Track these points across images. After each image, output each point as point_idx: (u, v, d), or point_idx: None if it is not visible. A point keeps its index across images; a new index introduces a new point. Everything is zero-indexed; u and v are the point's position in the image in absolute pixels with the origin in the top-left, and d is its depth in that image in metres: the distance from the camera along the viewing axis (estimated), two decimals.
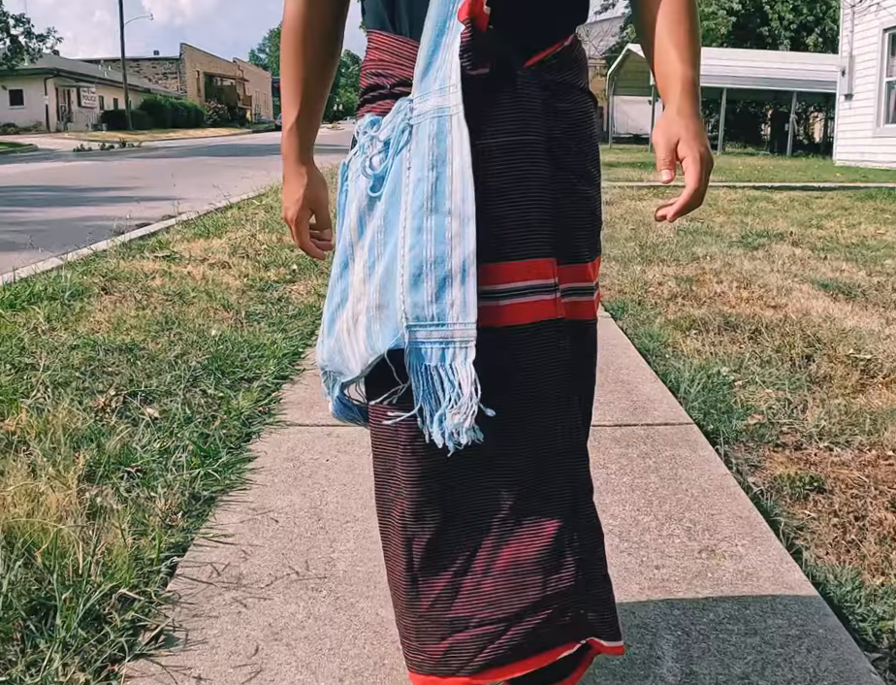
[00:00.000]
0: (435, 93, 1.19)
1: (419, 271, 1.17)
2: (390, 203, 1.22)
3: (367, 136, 1.26)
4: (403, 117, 1.22)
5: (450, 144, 1.17)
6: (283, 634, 1.75)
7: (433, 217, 1.17)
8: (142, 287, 4.42)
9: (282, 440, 2.73)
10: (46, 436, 2.47)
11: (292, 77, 1.39)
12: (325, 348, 1.34)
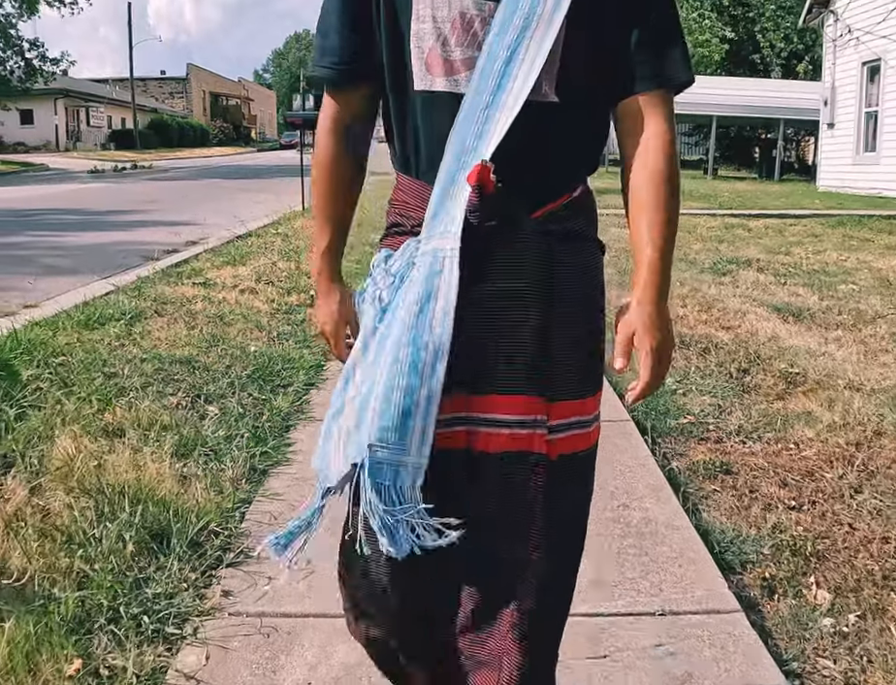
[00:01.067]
0: (437, 236, 1.32)
1: (388, 397, 1.27)
2: (385, 333, 1.33)
3: (380, 269, 1.40)
4: (410, 255, 1.36)
5: (439, 283, 1.29)
6: (325, 554, 2.57)
7: (410, 348, 1.28)
8: (187, 310, 5.27)
9: (314, 431, 3.57)
10: (138, 426, 3.31)
11: (324, 205, 1.52)
12: (319, 455, 1.42)
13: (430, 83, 1.36)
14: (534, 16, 1.31)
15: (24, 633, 2.00)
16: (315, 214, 1.54)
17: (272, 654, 2.10)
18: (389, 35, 1.39)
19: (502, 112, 1.30)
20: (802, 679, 2.11)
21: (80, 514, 2.57)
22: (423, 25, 1.35)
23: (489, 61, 1.31)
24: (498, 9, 1.32)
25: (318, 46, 1.47)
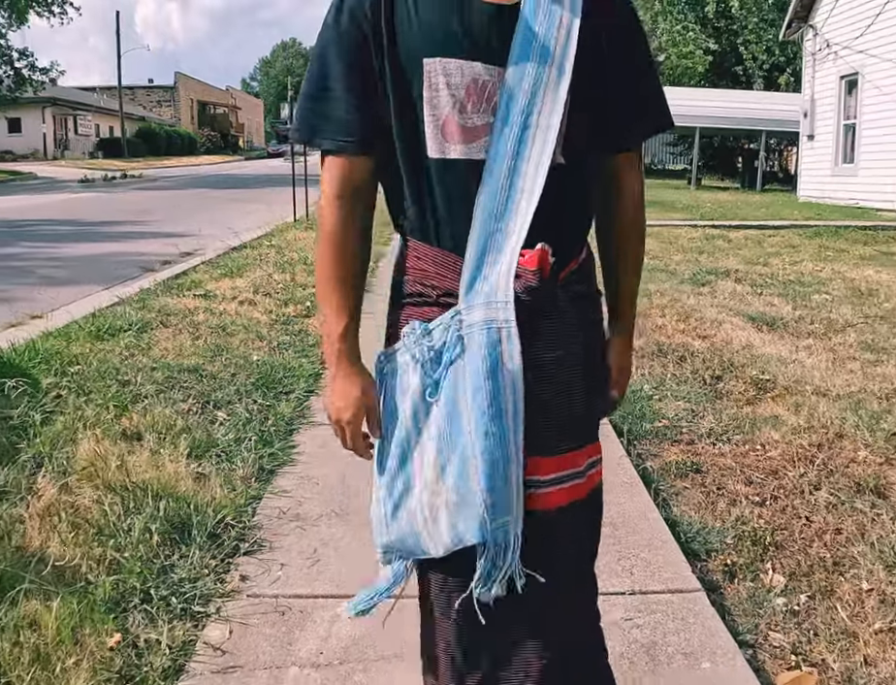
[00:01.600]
0: (482, 307, 1.34)
1: (491, 471, 1.34)
2: (451, 411, 1.36)
3: (418, 342, 1.39)
4: (455, 330, 1.36)
5: (501, 354, 1.34)
6: (330, 543, 2.86)
7: (496, 423, 1.33)
8: (190, 321, 5.54)
9: (315, 435, 3.85)
10: (154, 430, 3.58)
11: (336, 283, 1.46)
12: (393, 533, 1.46)
13: (446, 151, 1.38)
14: (542, 82, 1.36)
15: (69, 611, 2.27)
16: (326, 294, 1.47)
17: (287, 629, 2.38)
18: (399, 102, 1.40)
19: (527, 176, 1.35)
20: (755, 649, 2.39)
21: (109, 509, 2.83)
22: (437, 93, 1.37)
23: (506, 126, 1.35)
24: (506, 75, 1.36)
25: (320, 111, 1.44)
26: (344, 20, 1.40)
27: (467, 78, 1.36)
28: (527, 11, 1.36)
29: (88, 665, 2.10)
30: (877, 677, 2.24)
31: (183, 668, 2.18)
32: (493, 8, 1.36)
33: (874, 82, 16.66)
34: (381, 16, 1.38)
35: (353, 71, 1.40)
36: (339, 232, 1.44)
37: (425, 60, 1.36)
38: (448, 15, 1.37)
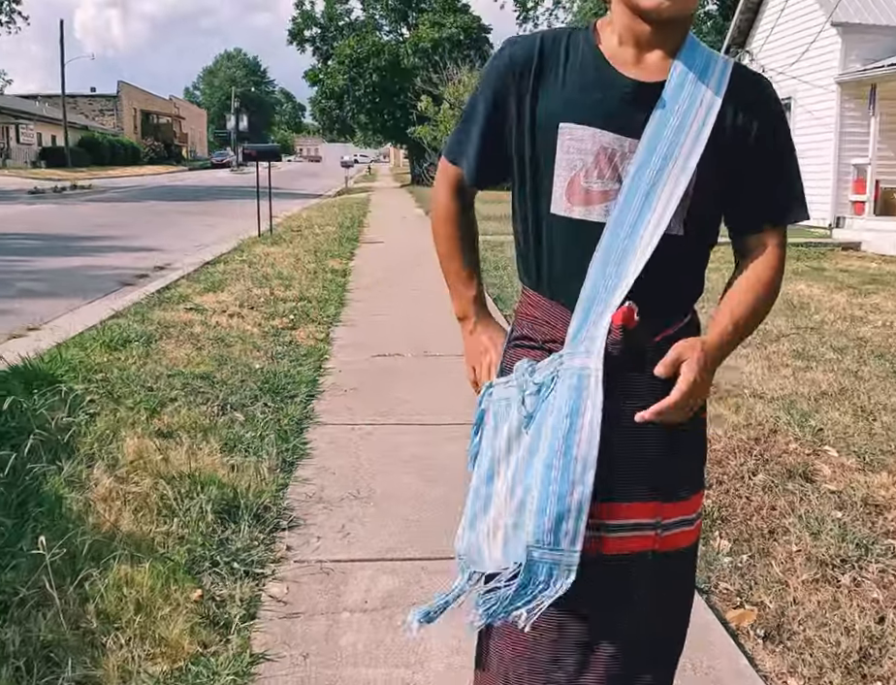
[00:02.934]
0: (581, 354, 1.46)
1: (545, 503, 1.42)
2: (533, 442, 1.47)
3: (524, 377, 1.52)
4: (554, 368, 1.49)
5: (585, 398, 1.43)
6: (355, 520, 3.40)
7: (562, 459, 1.42)
8: (189, 333, 6.01)
9: (324, 432, 4.38)
10: (184, 428, 4.07)
11: (461, 256, 1.73)
12: (465, 541, 1.58)
13: (568, 210, 1.50)
14: (671, 158, 1.45)
15: (156, 572, 2.78)
16: (452, 267, 1.73)
17: (333, 585, 2.91)
18: (533, 156, 1.54)
19: (640, 244, 1.45)
20: (709, 595, 2.99)
21: (167, 494, 3.34)
22: (569, 156, 1.49)
23: (629, 195, 1.45)
24: (639, 148, 1.46)
25: (458, 133, 1.67)
26: (498, 72, 1.58)
27: (597, 145, 1.47)
28: (668, 92, 1.47)
29: (181, 613, 2.62)
30: (802, 612, 2.85)
31: (256, 615, 2.71)
32: (633, 84, 1.48)
33: (805, 107, 17.69)
34: (530, 79, 1.53)
35: (493, 119, 1.58)
36: (457, 216, 1.72)
37: (561, 124, 1.49)
38: (590, 85, 1.49)
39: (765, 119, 1.53)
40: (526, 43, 1.57)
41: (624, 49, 1.51)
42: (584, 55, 1.52)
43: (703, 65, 1.49)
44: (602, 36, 1.54)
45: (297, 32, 45.16)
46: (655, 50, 1.50)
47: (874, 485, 3.98)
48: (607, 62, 1.50)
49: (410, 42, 39.88)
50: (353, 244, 12.88)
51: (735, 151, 1.51)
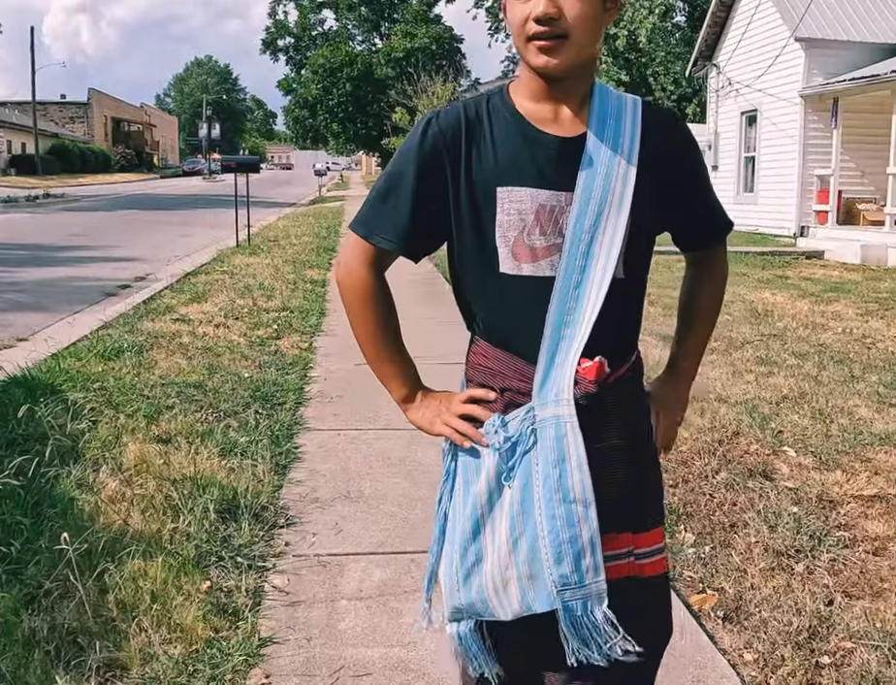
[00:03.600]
0: (552, 403, 1.52)
1: (559, 550, 1.49)
2: (524, 494, 1.52)
3: (495, 431, 1.55)
4: (530, 423, 1.53)
5: (567, 445, 1.50)
6: (347, 517, 3.65)
7: (563, 506, 1.49)
8: (178, 344, 6.23)
9: (312, 437, 4.64)
10: (182, 434, 4.30)
11: (386, 335, 1.69)
12: (464, 598, 1.60)
13: (517, 269, 1.55)
14: (606, 204, 1.52)
15: (167, 566, 3.01)
16: (384, 347, 1.68)
17: (330, 576, 3.16)
18: (473, 224, 1.57)
19: (591, 292, 1.52)
20: (674, 581, 3.27)
21: (171, 495, 3.57)
22: (508, 217, 1.54)
23: (573, 247, 1.52)
24: (574, 198, 1.52)
25: (383, 212, 1.61)
26: (427, 146, 1.57)
27: (535, 204, 1.53)
28: (590, 144, 1.54)
29: (193, 602, 2.86)
30: (758, 596, 3.14)
31: (261, 603, 2.96)
32: (557, 140, 1.55)
33: (771, 119, 18.18)
34: (461, 149, 1.56)
35: (424, 191, 1.57)
36: (375, 293, 1.65)
37: (498, 189, 1.54)
38: (519, 147, 1.55)
39: (681, 146, 1.65)
40: (450, 115, 1.60)
41: (540, 107, 1.58)
42: (505, 119, 1.58)
43: (616, 110, 1.58)
44: (517, 97, 1.60)
45: (270, 41, 45.35)
46: (566, 103, 1.58)
47: (828, 482, 4.28)
48: (528, 122, 1.57)
49: (383, 52, 40.21)
50: (330, 254, 13.10)
51: (663, 184, 1.60)
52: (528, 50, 1.52)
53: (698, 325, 1.84)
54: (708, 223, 1.74)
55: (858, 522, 3.87)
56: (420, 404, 1.70)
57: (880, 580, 3.33)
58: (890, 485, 4.27)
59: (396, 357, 1.70)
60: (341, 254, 1.71)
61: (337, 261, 1.72)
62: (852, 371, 6.55)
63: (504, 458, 1.54)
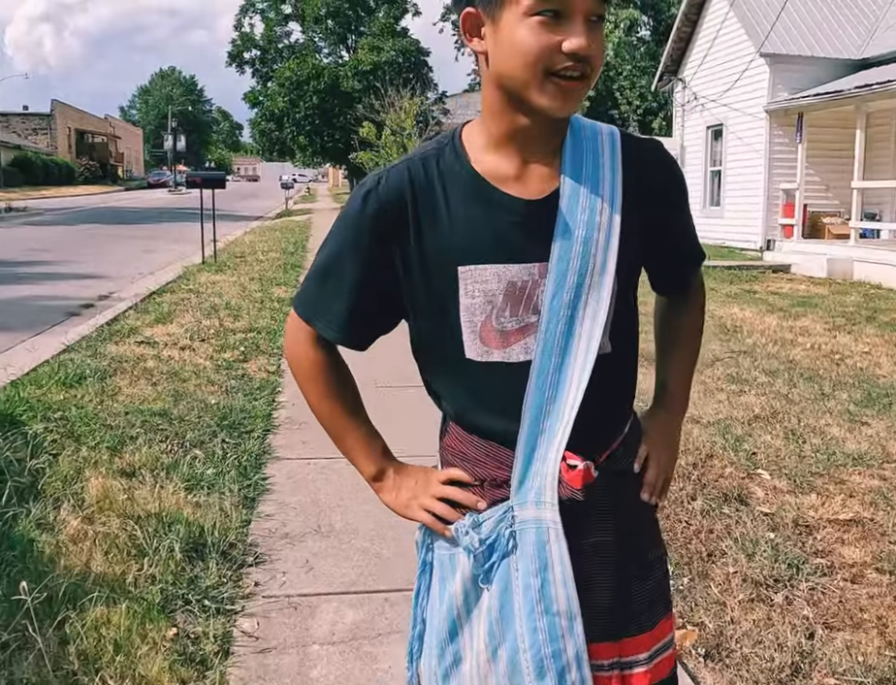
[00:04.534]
0: (532, 504, 1.35)
1: (541, 665, 1.35)
2: (503, 600, 1.37)
3: (468, 535, 1.38)
4: (508, 525, 1.36)
5: (550, 552, 1.34)
6: (318, 554, 3.55)
7: (545, 618, 1.34)
8: (143, 368, 6.09)
9: (281, 467, 4.53)
10: (146, 467, 4.18)
11: (349, 413, 1.50)
12: None
13: (485, 355, 1.36)
14: (587, 271, 1.32)
15: (132, 612, 2.90)
16: (346, 425, 1.50)
17: (301, 619, 3.06)
18: (433, 306, 1.38)
19: (573, 374, 1.33)
20: None
21: (134, 534, 3.45)
22: (473, 300, 1.34)
23: (551, 324, 1.32)
24: (549, 270, 1.32)
25: (323, 296, 1.42)
26: (367, 222, 1.36)
27: (503, 282, 1.33)
28: (565, 203, 1.33)
29: (159, 651, 2.74)
30: (739, 631, 3.09)
31: (229, 650, 2.85)
32: (523, 204, 1.33)
33: (736, 134, 18.34)
34: (409, 223, 1.35)
35: (367, 275, 1.38)
36: (330, 371, 1.48)
37: (459, 269, 1.33)
38: (479, 217, 1.33)
39: (667, 179, 1.46)
40: (393, 182, 1.35)
41: (502, 160, 1.35)
42: (461, 180, 1.35)
43: (592, 152, 1.36)
44: (473, 148, 1.37)
45: (236, 54, 45.08)
46: (537, 156, 1.35)
47: (804, 506, 4.25)
48: (488, 184, 1.34)
49: (350, 65, 40.12)
50: (297, 270, 12.97)
51: (647, 224, 1.41)
52: (542, 87, 1.25)
53: (683, 348, 1.65)
54: (689, 260, 1.57)
55: (835, 548, 3.84)
56: (393, 483, 1.50)
57: (860, 610, 3.30)
58: (865, 508, 4.26)
59: (356, 431, 1.51)
60: (287, 325, 1.52)
61: (285, 334, 1.55)
62: (822, 388, 6.57)
63: (480, 561, 1.39)
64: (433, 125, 21.07)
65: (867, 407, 6.02)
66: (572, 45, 1.22)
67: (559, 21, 1.22)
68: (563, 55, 1.23)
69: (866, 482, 4.58)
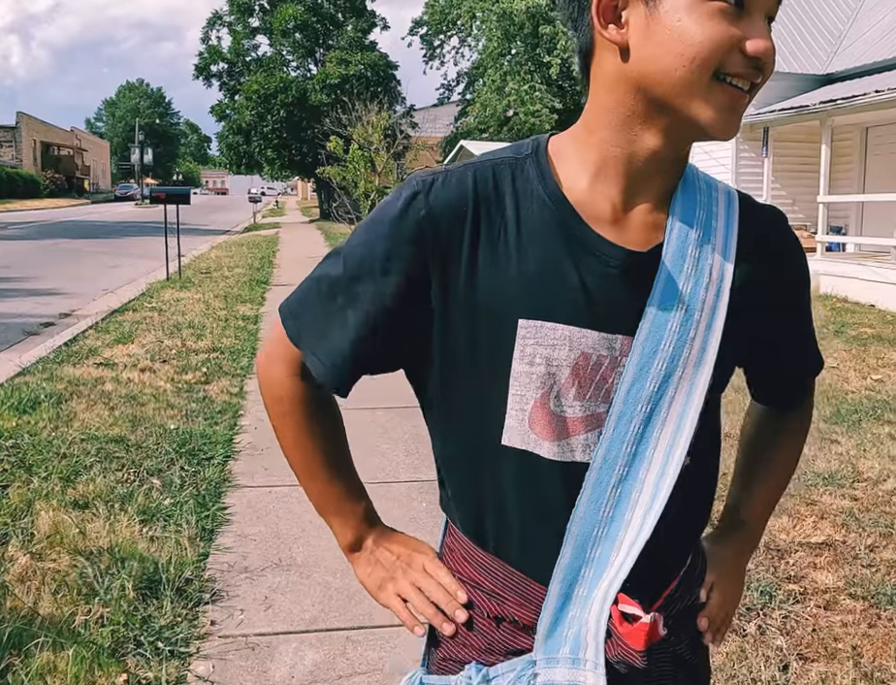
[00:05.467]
0: (566, 662, 1.02)
1: None
2: None
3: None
4: (526, 682, 1.04)
5: None
6: (278, 589, 3.42)
7: None
8: (100, 392, 5.92)
9: (241, 496, 4.38)
10: (100, 499, 4.03)
11: (330, 458, 1.18)
12: None
13: (531, 444, 1.02)
14: (680, 358, 1.01)
15: (79, 657, 2.76)
16: (327, 478, 1.18)
17: (259, 660, 2.94)
18: (470, 364, 1.03)
19: (644, 489, 1.02)
20: None
21: (85, 571, 3.30)
22: (531, 368, 1.00)
23: (622, 421, 1.01)
24: (634, 348, 1.01)
25: (323, 312, 1.06)
26: (407, 235, 1.01)
27: (576, 352, 1.00)
28: (668, 264, 1.02)
29: None
30: (713, 665, 2.98)
31: None
32: (622, 255, 1.01)
33: (703, 148, 18.39)
34: (464, 248, 1.00)
35: (394, 300, 1.02)
36: (310, 404, 1.14)
37: (520, 321, 0.99)
38: (560, 258, 1.00)
39: (792, 267, 1.14)
40: (453, 187, 1.01)
41: (598, 193, 1.02)
42: (544, 206, 1.01)
43: (706, 211, 1.06)
44: (562, 168, 1.04)
45: (203, 67, 44.79)
46: (647, 192, 1.04)
47: (775, 529, 4.19)
48: (581, 219, 1.01)
49: (318, 78, 40.01)
50: (263, 287, 12.82)
51: (759, 320, 1.11)
52: (708, 94, 0.95)
53: (774, 474, 1.31)
54: (805, 369, 1.25)
55: (807, 573, 3.78)
56: (370, 556, 1.19)
57: (834, 639, 3.23)
58: (836, 530, 4.20)
59: (335, 488, 1.19)
60: (266, 343, 1.17)
61: (264, 347, 1.18)
62: None
63: None
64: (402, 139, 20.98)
65: (836, 425, 5.99)
66: (758, 46, 0.94)
67: (739, 14, 0.94)
68: (743, 57, 0.94)
69: (837, 503, 4.53)
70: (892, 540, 4.06)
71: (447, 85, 44.82)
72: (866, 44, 17.27)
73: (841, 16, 18.75)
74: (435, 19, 42.06)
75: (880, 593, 3.55)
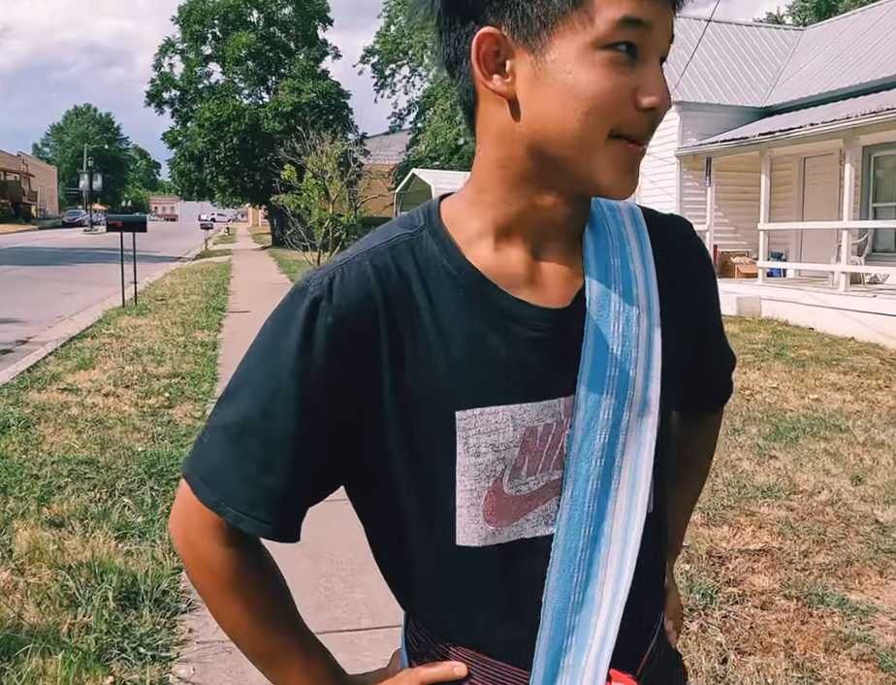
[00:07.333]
0: None
1: None
2: None
3: None
4: None
5: None
6: None
7: None
8: (66, 416, 6.05)
9: None
10: (75, 517, 4.18)
11: (283, 623, 1.04)
12: None
13: (488, 537, 0.93)
14: (625, 402, 0.95)
15: (68, 662, 2.93)
16: (271, 656, 1.04)
17: (237, 663, 3.12)
18: (410, 470, 0.93)
19: (611, 544, 0.96)
20: None
21: (66, 584, 3.46)
22: (479, 459, 0.91)
23: (579, 482, 0.95)
24: (577, 405, 0.94)
25: (234, 460, 0.92)
26: (318, 355, 0.89)
27: (521, 429, 0.93)
28: (594, 305, 0.95)
29: None
30: None
31: None
32: (546, 315, 0.94)
33: (649, 177, 18.97)
34: (382, 349, 0.90)
35: (315, 424, 0.91)
36: (255, 571, 1.00)
37: (458, 414, 0.91)
38: (484, 335, 0.92)
39: (703, 274, 1.11)
40: (354, 286, 0.90)
41: (505, 254, 0.95)
42: (453, 281, 0.93)
43: (618, 240, 1.01)
44: (461, 233, 0.95)
45: (155, 94, 44.78)
46: (557, 242, 0.97)
47: (716, 538, 4.48)
48: (494, 287, 0.93)
49: (270, 106, 40.24)
50: (220, 313, 12.94)
51: (688, 333, 1.06)
52: (605, 154, 0.87)
53: (694, 479, 1.30)
54: (729, 367, 1.23)
55: (746, 577, 4.06)
56: None
57: (769, 635, 3.50)
58: (773, 538, 4.50)
59: (289, 656, 1.04)
60: (176, 514, 1.00)
61: (173, 517, 1.00)
62: (734, 423, 6.86)
63: None
64: (355, 167, 21.24)
65: (775, 441, 6.33)
66: (653, 100, 0.86)
67: (633, 63, 0.85)
68: (638, 113, 0.86)
69: (774, 513, 4.84)
70: (824, 546, 4.37)
71: (398, 114, 45.39)
72: (802, 79, 18.03)
73: (780, 52, 19.57)
74: (387, 49, 42.65)
75: (812, 593, 3.84)
